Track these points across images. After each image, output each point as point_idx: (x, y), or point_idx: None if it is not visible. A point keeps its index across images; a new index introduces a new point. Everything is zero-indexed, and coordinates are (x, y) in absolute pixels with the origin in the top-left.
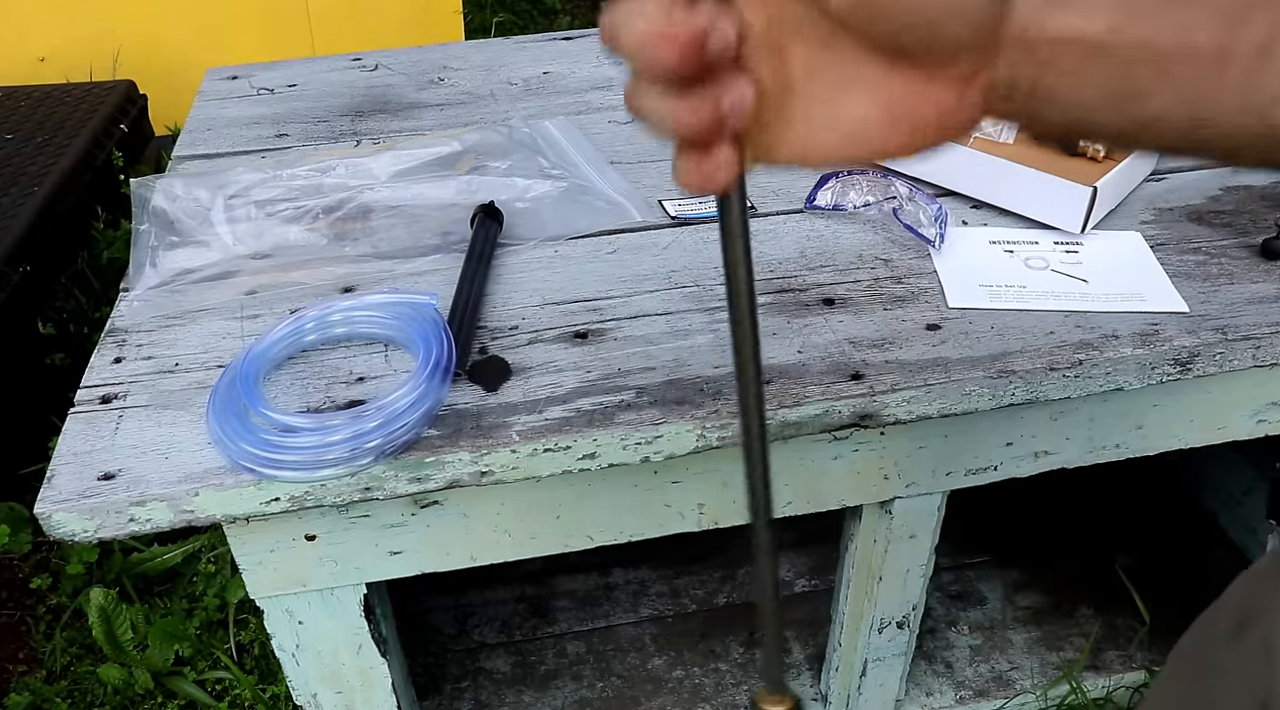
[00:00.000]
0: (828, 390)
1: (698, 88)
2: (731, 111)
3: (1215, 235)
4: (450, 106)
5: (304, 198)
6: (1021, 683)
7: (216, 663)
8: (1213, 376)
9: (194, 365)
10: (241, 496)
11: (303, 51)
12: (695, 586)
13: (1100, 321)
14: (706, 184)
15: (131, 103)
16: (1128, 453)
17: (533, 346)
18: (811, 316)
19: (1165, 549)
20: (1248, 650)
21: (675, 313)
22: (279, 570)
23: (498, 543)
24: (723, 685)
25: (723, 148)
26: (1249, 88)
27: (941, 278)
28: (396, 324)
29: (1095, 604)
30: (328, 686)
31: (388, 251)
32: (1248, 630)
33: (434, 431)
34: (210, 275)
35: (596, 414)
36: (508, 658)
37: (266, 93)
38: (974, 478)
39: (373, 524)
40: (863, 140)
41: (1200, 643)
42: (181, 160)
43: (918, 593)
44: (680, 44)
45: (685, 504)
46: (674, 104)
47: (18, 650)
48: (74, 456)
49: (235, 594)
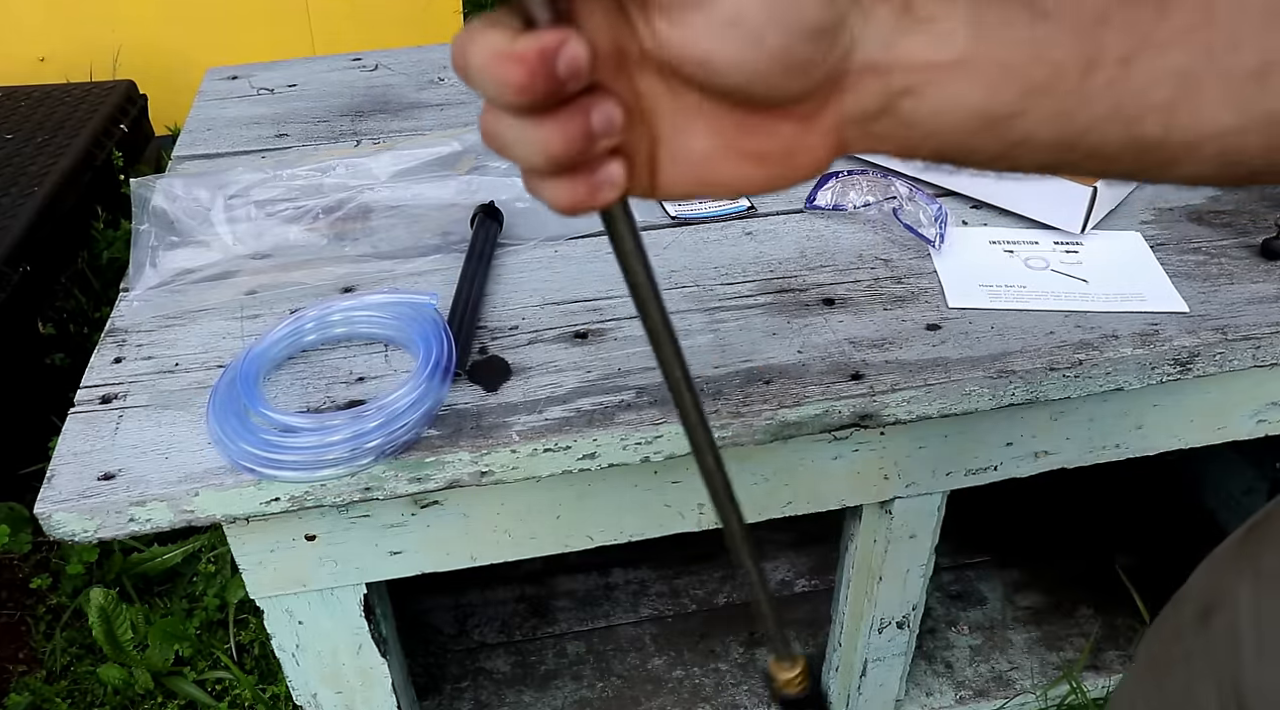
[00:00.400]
0: (828, 390)
1: (557, 110)
2: (603, 129)
3: (1215, 235)
4: (450, 106)
5: (304, 198)
6: (1021, 683)
7: (216, 663)
8: (1213, 376)
9: (194, 365)
10: (241, 496)
11: (303, 51)
12: (695, 586)
13: (1100, 321)
14: (586, 203)
15: (131, 103)
16: (1128, 453)
17: (533, 346)
18: (811, 316)
19: (1165, 549)
20: (1214, 636)
21: (675, 313)
22: (279, 570)
23: (498, 543)
24: (723, 685)
25: (604, 165)
26: (1114, 100)
27: (941, 278)
28: (396, 324)
29: (1095, 604)
30: (328, 686)
31: (388, 251)
32: (1213, 616)
33: (434, 431)
34: (210, 275)
35: (596, 414)
36: (508, 658)
37: (266, 93)
38: (974, 478)
39: (373, 524)
40: (710, 177)
41: (1168, 630)
42: (181, 160)
43: (918, 593)
44: (527, 63)
45: (685, 504)
46: (539, 129)
47: (18, 650)
48: (74, 456)
49: (235, 594)
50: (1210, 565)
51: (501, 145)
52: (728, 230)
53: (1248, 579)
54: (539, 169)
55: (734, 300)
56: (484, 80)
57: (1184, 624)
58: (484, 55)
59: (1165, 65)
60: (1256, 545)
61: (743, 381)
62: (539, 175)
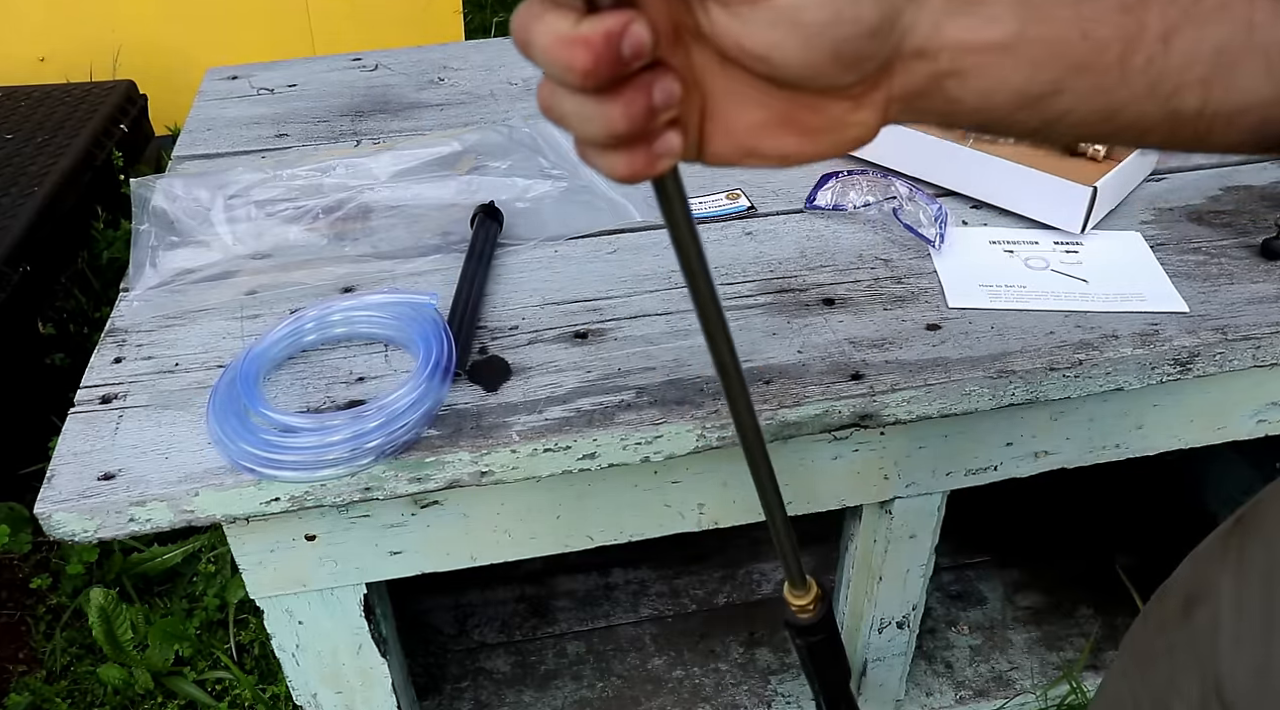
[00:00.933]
0: (828, 390)
1: (620, 87)
2: (664, 103)
3: (1215, 235)
4: (450, 106)
5: (304, 198)
6: (1021, 683)
7: (216, 663)
8: (1213, 376)
9: (194, 365)
10: (241, 496)
11: (303, 51)
12: (695, 586)
13: (1100, 321)
14: (644, 173)
15: (131, 103)
16: (1128, 453)
17: (533, 346)
18: (811, 316)
19: (1165, 549)
20: (1197, 629)
21: (675, 313)
22: (279, 570)
23: (498, 543)
24: (723, 685)
25: (661, 135)
26: (1153, 75)
27: (941, 278)
28: (396, 324)
29: (1095, 604)
30: (328, 686)
31: (388, 251)
32: (1196, 608)
33: (434, 431)
34: (210, 275)
35: (596, 414)
36: (508, 658)
37: (266, 93)
38: (974, 478)
39: (373, 524)
40: (758, 147)
41: (1152, 623)
42: (181, 160)
43: (918, 593)
44: (593, 47)
45: (685, 504)
46: (601, 106)
47: (18, 650)
48: (74, 456)
49: (235, 594)
50: (1195, 558)
51: (559, 117)
52: (728, 230)
53: (1230, 571)
54: (598, 142)
55: (734, 300)
56: (548, 62)
57: (1168, 616)
58: (548, 37)
59: (1205, 40)
60: (1241, 537)
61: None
62: (598, 147)
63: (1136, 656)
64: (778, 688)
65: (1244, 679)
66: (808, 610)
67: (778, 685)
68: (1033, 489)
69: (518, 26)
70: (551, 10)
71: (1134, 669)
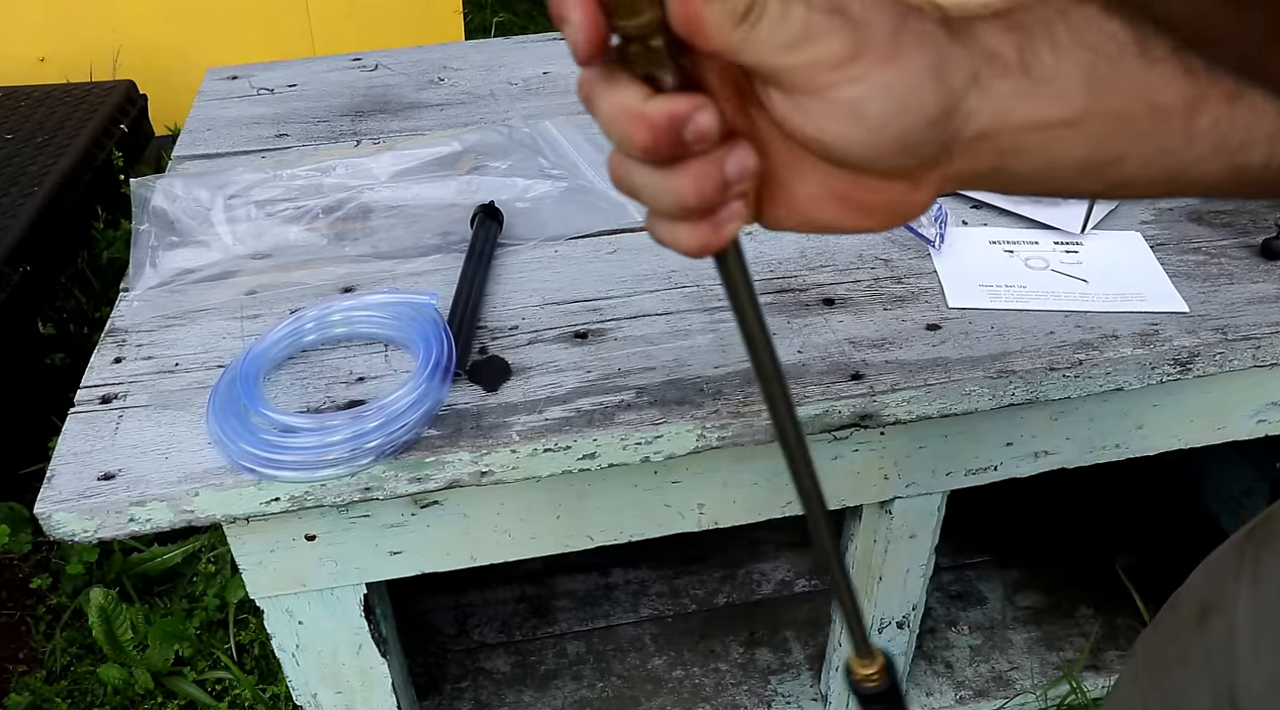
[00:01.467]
0: (828, 390)
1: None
2: (738, 177)
3: (1215, 235)
4: (450, 106)
5: (304, 198)
6: (1021, 683)
7: (216, 663)
8: (1213, 376)
9: (194, 365)
10: (241, 496)
11: (303, 51)
12: (695, 586)
13: (1100, 321)
14: (713, 245)
15: (131, 103)
16: (1128, 453)
17: (533, 346)
18: (811, 316)
19: (1165, 549)
20: (1212, 639)
21: (675, 313)
22: (279, 570)
23: (498, 543)
24: (723, 685)
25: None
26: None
27: (941, 278)
28: (396, 324)
29: (1095, 604)
30: (328, 686)
31: (388, 251)
32: (1211, 618)
33: (434, 431)
34: (210, 275)
35: (596, 414)
36: (508, 658)
37: (266, 93)
38: (974, 478)
39: (373, 524)
40: (814, 218)
41: (1165, 631)
42: (181, 160)
43: (918, 593)
44: (656, 128)
45: (685, 504)
46: (670, 179)
47: (18, 650)
48: (74, 456)
49: (235, 594)
50: (1208, 567)
51: (630, 188)
52: None
53: (1246, 582)
54: (669, 214)
55: None
56: (609, 129)
57: (1181, 625)
58: (613, 107)
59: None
60: (1256, 548)
61: (743, 381)
62: (667, 218)
63: (1148, 662)
64: (778, 688)
65: (1260, 689)
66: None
67: (778, 685)
68: (1033, 489)
69: (584, 87)
70: (623, 80)
71: (1145, 674)
